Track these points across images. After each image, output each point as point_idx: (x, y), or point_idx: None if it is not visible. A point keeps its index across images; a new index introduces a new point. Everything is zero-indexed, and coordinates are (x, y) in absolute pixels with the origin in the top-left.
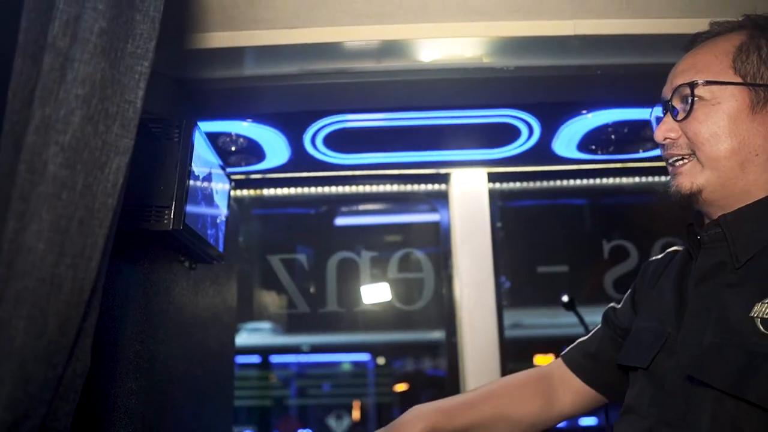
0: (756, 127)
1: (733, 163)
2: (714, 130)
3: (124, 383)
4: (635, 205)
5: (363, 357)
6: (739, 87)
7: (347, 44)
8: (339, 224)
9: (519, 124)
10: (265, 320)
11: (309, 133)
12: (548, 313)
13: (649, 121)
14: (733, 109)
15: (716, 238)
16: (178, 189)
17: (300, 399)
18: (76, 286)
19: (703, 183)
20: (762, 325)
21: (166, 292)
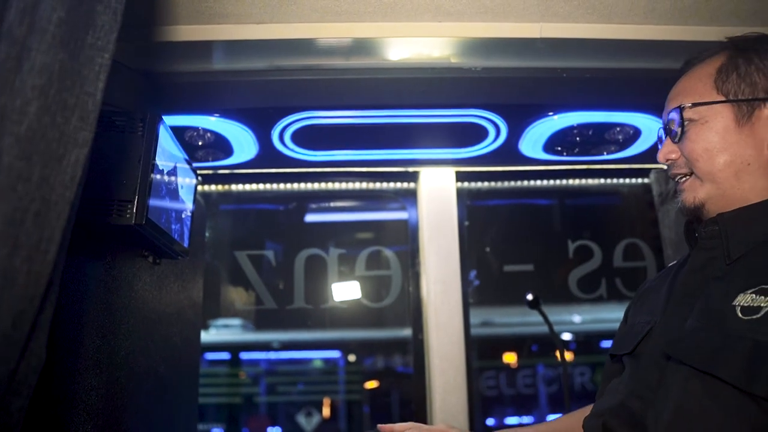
0: (744, 139)
1: (728, 174)
2: (706, 147)
3: (83, 379)
4: (600, 206)
5: (333, 354)
6: (723, 104)
7: (316, 41)
8: (308, 221)
9: (486, 125)
10: (233, 317)
11: (277, 129)
12: (517, 312)
13: (613, 124)
14: (720, 126)
15: (712, 235)
16: (141, 183)
17: (270, 396)
18: (31, 279)
19: (704, 196)
20: (741, 312)
21: (128, 287)
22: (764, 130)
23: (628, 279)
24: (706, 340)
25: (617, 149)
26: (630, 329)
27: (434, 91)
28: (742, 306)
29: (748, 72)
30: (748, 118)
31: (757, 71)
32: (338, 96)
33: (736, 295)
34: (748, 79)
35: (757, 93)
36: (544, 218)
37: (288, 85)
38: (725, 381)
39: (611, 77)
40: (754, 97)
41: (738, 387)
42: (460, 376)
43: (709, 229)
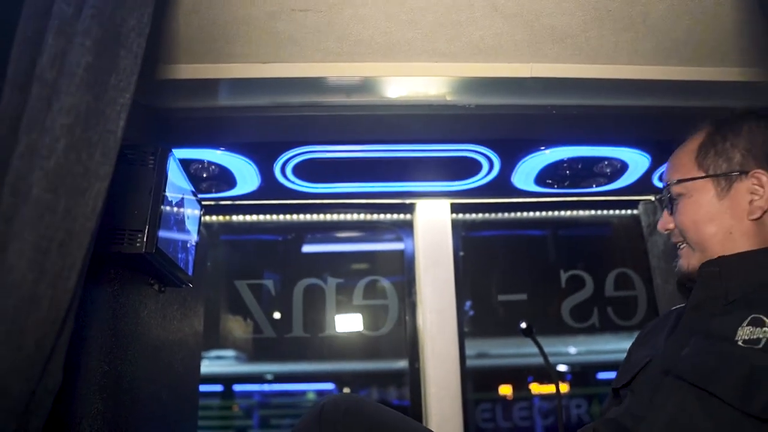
0: (724, 210)
1: (714, 242)
2: (693, 219)
3: (90, 403)
4: (591, 236)
5: (327, 386)
6: (704, 179)
7: (318, 80)
8: (306, 251)
9: (480, 158)
10: (230, 347)
11: (279, 162)
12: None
13: (601, 158)
14: (703, 199)
15: (712, 275)
16: (151, 213)
17: (263, 430)
18: (54, 304)
19: (696, 263)
20: (743, 342)
21: (134, 313)
22: (742, 200)
23: (620, 308)
24: (705, 360)
25: (606, 182)
26: (630, 364)
27: (430, 127)
28: (743, 339)
29: (725, 148)
30: (727, 191)
31: (732, 147)
32: (339, 131)
33: (735, 329)
34: (725, 155)
35: (733, 167)
36: (537, 249)
37: (291, 120)
38: (721, 398)
39: (598, 114)
40: (730, 170)
41: (733, 405)
42: (456, 405)
43: (710, 270)
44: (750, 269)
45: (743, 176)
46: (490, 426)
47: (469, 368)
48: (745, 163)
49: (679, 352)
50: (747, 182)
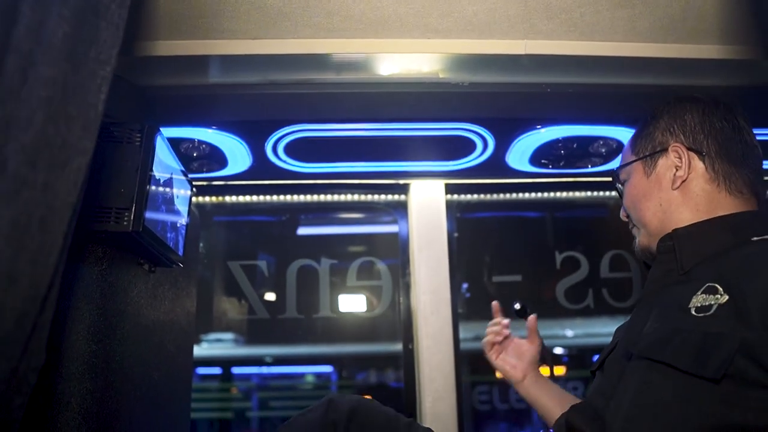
0: (652, 185)
1: (651, 217)
2: (632, 200)
3: (79, 382)
4: (586, 218)
5: (326, 369)
6: (635, 162)
7: (308, 56)
8: (300, 233)
9: (474, 138)
10: (223, 328)
11: (271, 141)
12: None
13: (596, 137)
14: (636, 180)
15: (668, 249)
16: (138, 192)
17: (261, 411)
18: (34, 281)
19: (645, 240)
20: (695, 311)
21: (123, 293)
22: (666, 174)
23: (615, 290)
24: (661, 335)
25: (601, 162)
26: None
27: (423, 105)
28: (696, 307)
29: (649, 132)
30: (653, 168)
31: (655, 130)
32: (330, 109)
33: (690, 298)
34: (649, 137)
35: (656, 146)
36: (531, 230)
37: (281, 98)
38: (678, 368)
39: (593, 92)
40: (654, 150)
41: (690, 372)
42: (450, 386)
43: (666, 245)
44: (701, 239)
45: (664, 152)
46: (487, 408)
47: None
48: (664, 141)
49: (641, 329)
50: (669, 157)
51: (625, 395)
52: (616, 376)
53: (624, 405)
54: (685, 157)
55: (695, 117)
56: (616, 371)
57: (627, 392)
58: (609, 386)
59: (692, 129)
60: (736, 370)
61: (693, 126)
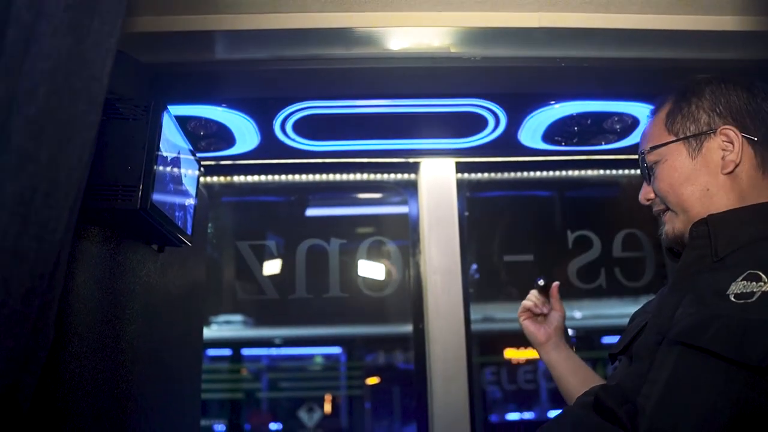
0: (698, 168)
1: (693, 202)
2: (670, 183)
3: (89, 361)
4: (599, 197)
5: (335, 350)
6: (675, 143)
7: (317, 31)
8: (310, 214)
9: (485, 114)
10: (233, 308)
11: (279, 119)
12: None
13: (611, 113)
14: (677, 162)
15: (702, 234)
16: (145, 169)
17: (271, 392)
18: (40, 257)
19: (681, 226)
20: (735, 298)
21: (132, 273)
22: (714, 157)
23: (627, 269)
24: (698, 320)
25: (615, 139)
26: (628, 330)
27: (433, 81)
28: (735, 293)
29: (690, 111)
30: (698, 151)
31: (698, 110)
32: (339, 85)
33: (728, 285)
34: (691, 117)
35: (701, 127)
36: (543, 209)
37: (289, 74)
38: (717, 353)
39: (609, 67)
40: (699, 131)
41: (730, 359)
42: (461, 366)
43: (700, 229)
44: (738, 225)
45: (712, 134)
46: (496, 389)
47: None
48: (711, 122)
49: (672, 314)
50: (717, 139)
51: (659, 378)
52: (647, 363)
53: (656, 390)
54: (738, 141)
55: (742, 99)
56: (647, 356)
57: (661, 376)
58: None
59: (739, 111)
60: None
61: (740, 108)
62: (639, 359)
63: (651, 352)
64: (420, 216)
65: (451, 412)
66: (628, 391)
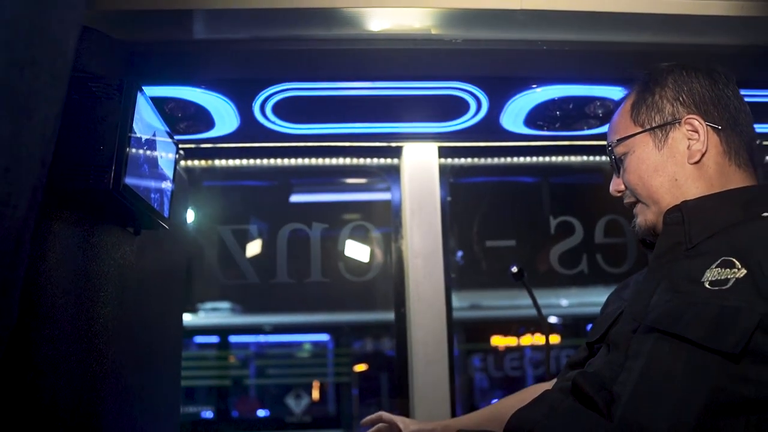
0: (665, 159)
1: (663, 193)
2: (639, 174)
3: (62, 344)
4: (581, 183)
5: (323, 337)
6: (641, 134)
7: (296, 11)
8: (293, 201)
9: (467, 97)
10: (215, 294)
11: (258, 101)
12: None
13: (593, 97)
14: (643, 153)
15: (675, 221)
16: (118, 149)
17: (259, 379)
18: (1, 234)
19: (653, 218)
20: (709, 284)
21: (107, 255)
22: (680, 147)
23: (609, 255)
24: (673, 307)
25: (598, 124)
26: (603, 318)
27: (414, 63)
28: (710, 280)
29: (654, 102)
30: (664, 141)
31: (661, 99)
32: (319, 67)
33: (703, 272)
34: (656, 108)
35: (666, 118)
36: (526, 195)
37: (269, 55)
38: (692, 341)
39: (591, 50)
40: (664, 122)
41: (704, 345)
42: (442, 349)
43: (673, 216)
44: (711, 211)
45: (677, 124)
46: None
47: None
48: (675, 112)
49: (647, 301)
50: (682, 129)
51: (634, 367)
52: (623, 347)
53: (632, 378)
54: (703, 129)
55: (704, 86)
56: (623, 344)
57: (635, 366)
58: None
59: (702, 99)
60: (754, 346)
61: (703, 96)
62: (615, 348)
63: (627, 340)
64: (402, 200)
65: (433, 395)
66: (606, 379)
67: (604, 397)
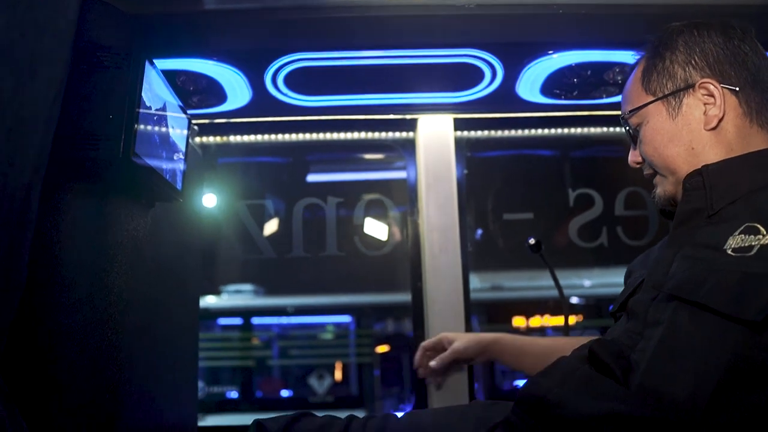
0: (681, 128)
1: (680, 162)
2: (654, 146)
3: (78, 312)
4: (601, 155)
5: (345, 319)
6: (653, 103)
7: None
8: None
9: (482, 65)
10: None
11: (270, 72)
12: (527, 276)
13: (611, 63)
14: (657, 123)
15: (696, 186)
16: (127, 118)
17: (282, 360)
18: (6, 195)
19: (672, 189)
20: (732, 251)
21: (120, 226)
22: (695, 114)
23: (630, 227)
24: (694, 275)
25: (616, 91)
26: (625, 288)
27: (427, 29)
28: (733, 247)
29: (665, 67)
30: (678, 109)
31: (672, 64)
32: (329, 36)
33: (726, 239)
34: (667, 74)
35: (678, 84)
36: (544, 168)
37: (279, 25)
38: (713, 309)
39: (609, 13)
40: (676, 88)
41: (726, 314)
42: (459, 322)
43: (694, 181)
44: (734, 175)
45: (690, 90)
46: None
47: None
48: (688, 77)
49: (667, 269)
50: (696, 95)
51: (653, 336)
52: (642, 314)
53: (650, 346)
54: (718, 92)
55: (718, 45)
56: (642, 313)
57: (654, 333)
58: (636, 328)
59: (717, 59)
60: None
61: (717, 56)
62: (635, 316)
63: (646, 309)
64: (418, 174)
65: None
66: (624, 347)
67: (621, 365)
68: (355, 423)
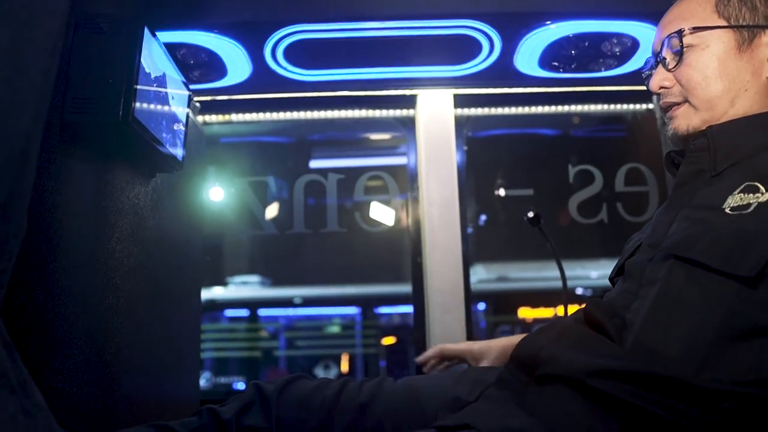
0: (744, 65)
1: (724, 101)
2: (706, 74)
3: (80, 274)
4: (601, 131)
5: (351, 310)
6: (725, 30)
7: None
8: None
9: (479, 37)
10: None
11: (269, 44)
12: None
13: (609, 34)
14: (721, 51)
15: (700, 147)
16: (127, 84)
17: (289, 350)
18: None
19: (698, 124)
20: (730, 210)
21: (120, 192)
22: (762, 55)
23: (630, 203)
24: (690, 233)
25: (615, 64)
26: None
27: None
28: (731, 206)
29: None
30: (749, 44)
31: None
32: (328, 7)
33: (725, 198)
34: (750, 4)
35: (758, 19)
36: (544, 145)
37: None
38: (707, 266)
39: None
40: (755, 23)
41: (720, 270)
42: (458, 298)
43: (698, 142)
44: (739, 136)
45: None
46: None
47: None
48: None
49: (665, 231)
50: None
51: (648, 295)
52: (638, 274)
53: (646, 304)
54: None
55: None
56: (638, 272)
57: (649, 292)
58: (632, 288)
59: None
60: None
61: None
62: (631, 277)
63: (642, 269)
64: (418, 151)
65: (449, 336)
66: (618, 307)
67: (616, 323)
68: (352, 384)
